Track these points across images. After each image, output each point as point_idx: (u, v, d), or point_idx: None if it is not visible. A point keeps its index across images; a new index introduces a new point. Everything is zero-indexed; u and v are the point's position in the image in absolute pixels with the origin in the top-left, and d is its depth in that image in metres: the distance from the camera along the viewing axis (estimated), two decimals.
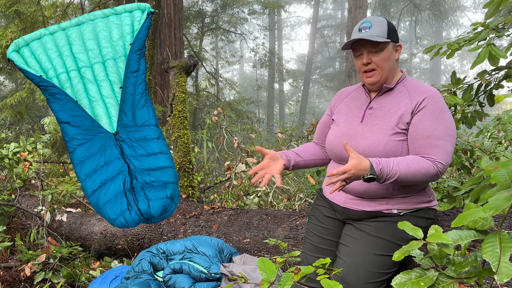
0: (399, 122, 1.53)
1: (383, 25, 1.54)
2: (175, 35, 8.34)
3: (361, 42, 1.56)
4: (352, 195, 1.66)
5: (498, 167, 1.10)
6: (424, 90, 1.56)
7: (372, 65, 1.56)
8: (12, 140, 7.01)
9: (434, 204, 1.67)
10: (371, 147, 1.55)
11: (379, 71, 1.56)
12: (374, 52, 1.55)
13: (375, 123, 1.58)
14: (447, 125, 1.51)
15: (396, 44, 1.58)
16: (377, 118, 1.59)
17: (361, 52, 1.57)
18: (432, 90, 1.56)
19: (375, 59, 1.55)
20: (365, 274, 1.54)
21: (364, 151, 1.55)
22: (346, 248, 1.63)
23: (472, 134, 4.23)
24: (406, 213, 1.59)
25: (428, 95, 1.53)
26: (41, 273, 2.48)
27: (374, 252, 1.56)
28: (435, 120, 1.50)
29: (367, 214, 1.62)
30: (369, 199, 1.61)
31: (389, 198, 1.59)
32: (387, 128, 1.54)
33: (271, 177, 2.34)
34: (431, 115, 1.50)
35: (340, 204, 1.69)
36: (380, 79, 1.58)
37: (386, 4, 18.11)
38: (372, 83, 1.60)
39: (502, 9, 5.61)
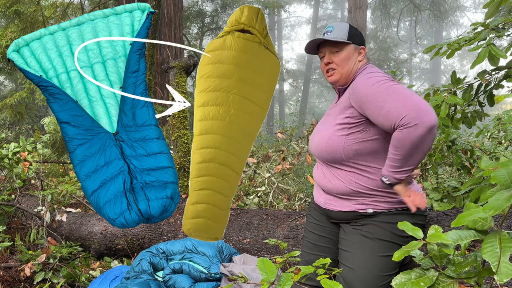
0: (341, 116, 1.60)
1: (344, 29, 1.65)
2: (175, 35, 8.34)
3: (323, 44, 1.68)
4: (329, 195, 1.69)
5: (498, 167, 1.10)
6: (354, 84, 1.58)
7: (332, 64, 1.66)
8: (12, 140, 7.01)
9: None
10: (318, 142, 1.66)
11: (338, 70, 1.65)
12: (334, 52, 1.66)
13: (327, 121, 1.69)
14: (374, 92, 1.44)
15: (359, 46, 1.67)
16: (330, 115, 1.70)
17: (324, 53, 1.69)
18: (356, 82, 1.57)
19: (335, 59, 1.65)
20: (371, 279, 1.53)
21: (316, 147, 1.68)
22: (347, 254, 1.62)
23: (472, 134, 4.23)
24: (382, 213, 1.56)
25: (354, 89, 1.55)
26: (41, 273, 2.49)
27: (375, 255, 1.55)
28: (369, 101, 1.46)
29: (345, 214, 1.63)
30: (343, 199, 1.63)
31: (361, 198, 1.59)
32: (333, 123, 1.63)
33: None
34: (363, 104, 1.49)
35: (321, 205, 1.73)
36: (339, 78, 1.66)
37: (386, 4, 18.11)
38: (332, 82, 1.69)
39: (502, 9, 5.61)
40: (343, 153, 1.57)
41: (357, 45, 1.66)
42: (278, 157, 4.23)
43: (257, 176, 4.18)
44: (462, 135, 3.50)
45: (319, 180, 1.73)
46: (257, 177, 4.18)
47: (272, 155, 4.20)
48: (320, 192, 1.75)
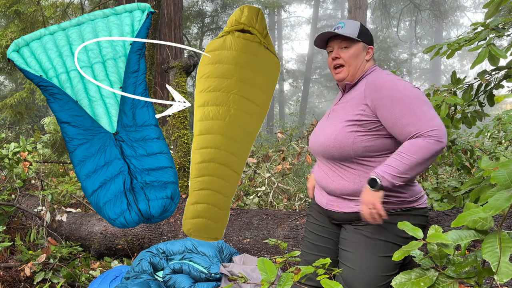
0: (351, 113, 1.58)
1: (356, 26, 1.65)
2: (175, 35, 8.33)
3: (333, 38, 1.68)
4: (331, 196, 1.67)
5: (498, 167, 1.10)
6: (374, 83, 1.57)
7: (340, 60, 1.66)
8: (12, 140, 7.01)
9: (420, 203, 1.61)
10: (325, 139, 1.62)
11: (346, 67, 1.65)
12: (342, 48, 1.65)
13: (334, 118, 1.66)
14: (401, 99, 1.48)
15: (367, 46, 1.67)
16: (337, 112, 1.67)
17: (332, 48, 1.68)
18: (379, 81, 1.56)
19: (343, 54, 1.65)
20: (370, 279, 1.53)
21: (321, 144, 1.64)
22: (347, 254, 1.62)
23: (472, 134, 4.23)
24: (387, 213, 1.53)
25: (376, 87, 1.55)
26: (41, 273, 2.48)
27: (376, 255, 1.55)
28: (390, 105, 1.49)
29: (348, 216, 1.62)
30: (346, 199, 1.62)
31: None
32: (342, 120, 1.61)
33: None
34: (384, 105, 1.50)
35: (323, 206, 1.73)
36: (347, 75, 1.66)
37: (386, 4, 18.10)
38: (340, 79, 1.68)
39: (502, 9, 5.61)
40: (352, 150, 1.56)
41: (366, 44, 1.67)
42: (278, 157, 4.23)
43: (257, 176, 4.18)
44: (462, 135, 3.49)
45: (320, 181, 1.71)
46: (257, 177, 4.18)
47: (272, 155, 4.20)
48: (322, 193, 1.74)
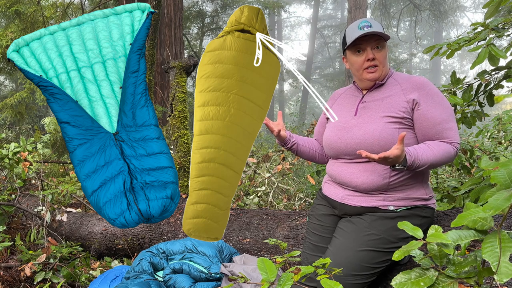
0: (393, 110, 1.58)
1: (380, 26, 1.64)
2: (175, 35, 8.33)
3: (366, 38, 1.61)
4: (349, 191, 1.68)
5: (498, 167, 1.10)
6: (415, 79, 1.62)
7: (375, 61, 1.62)
8: (12, 140, 7.01)
9: (432, 203, 1.67)
10: (366, 136, 1.59)
11: (380, 67, 1.63)
12: (377, 49, 1.62)
13: (368, 114, 1.64)
14: (448, 106, 1.59)
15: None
16: (370, 109, 1.64)
17: (364, 48, 1.63)
18: (421, 79, 1.63)
19: (378, 55, 1.62)
20: (348, 266, 1.54)
21: (360, 141, 1.60)
22: (335, 240, 1.65)
23: (472, 134, 4.23)
24: (403, 210, 1.60)
25: (420, 84, 1.60)
26: (41, 273, 2.48)
27: (361, 248, 1.56)
28: (439, 106, 1.57)
29: (365, 209, 1.63)
30: (366, 194, 1.63)
31: (385, 193, 1.60)
32: (381, 116, 1.59)
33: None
34: (433, 102, 1.57)
35: (338, 200, 1.72)
36: (380, 75, 1.64)
37: (386, 4, 18.10)
38: (374, 79, 1.65)
39: (502, 9, 5.61)
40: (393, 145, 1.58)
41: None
42: (278, 157, 4.23)
43: (257, 176, 4.18)
44: (462, 135, 3.49)
45: (341, 177, 1.69)
46: (257, 177, 4.18)
47: (272, 155, 4.20)
48: (336, 187, 1.75)
